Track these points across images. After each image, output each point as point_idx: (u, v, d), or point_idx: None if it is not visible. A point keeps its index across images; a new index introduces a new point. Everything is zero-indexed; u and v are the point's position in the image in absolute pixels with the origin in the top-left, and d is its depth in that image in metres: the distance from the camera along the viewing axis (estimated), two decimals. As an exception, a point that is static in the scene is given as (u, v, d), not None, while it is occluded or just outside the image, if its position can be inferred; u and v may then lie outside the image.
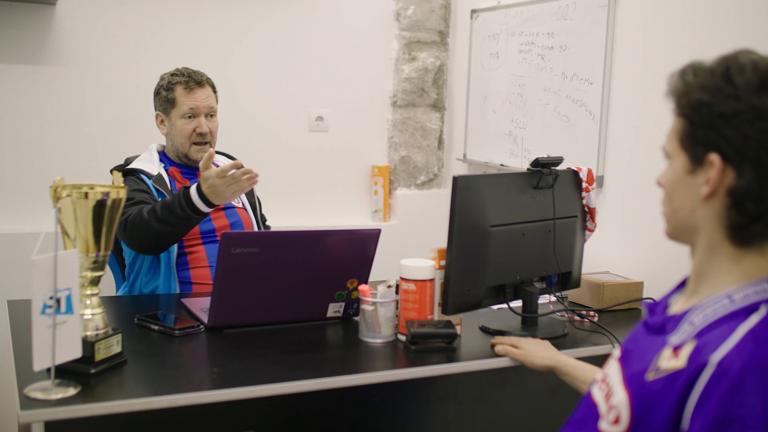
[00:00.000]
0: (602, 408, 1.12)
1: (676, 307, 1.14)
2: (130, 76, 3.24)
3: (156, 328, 1.94)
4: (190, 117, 2.51)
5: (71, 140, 3.20)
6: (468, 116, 3.59)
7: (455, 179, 1.86)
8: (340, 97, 3.65)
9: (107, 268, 2.63)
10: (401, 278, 1.94)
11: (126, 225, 2.30)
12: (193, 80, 2.51)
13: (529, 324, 2.07)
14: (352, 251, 2.05)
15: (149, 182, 2.45)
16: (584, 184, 2.21)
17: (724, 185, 1.01)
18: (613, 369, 1.15)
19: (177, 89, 2.50)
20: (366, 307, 1.93)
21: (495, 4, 3.35)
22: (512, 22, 3.21)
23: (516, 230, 2.01)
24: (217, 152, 2.76)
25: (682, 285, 1.19)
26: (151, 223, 2.24)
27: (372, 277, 2.09)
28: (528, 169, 2.07)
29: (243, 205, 2.67)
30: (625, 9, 2.61)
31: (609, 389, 1.13)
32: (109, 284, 2.71)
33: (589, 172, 2.22)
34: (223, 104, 3.30)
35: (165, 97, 2.52)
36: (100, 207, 1.60)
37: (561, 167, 2.16)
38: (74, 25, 3.18)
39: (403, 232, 3.72)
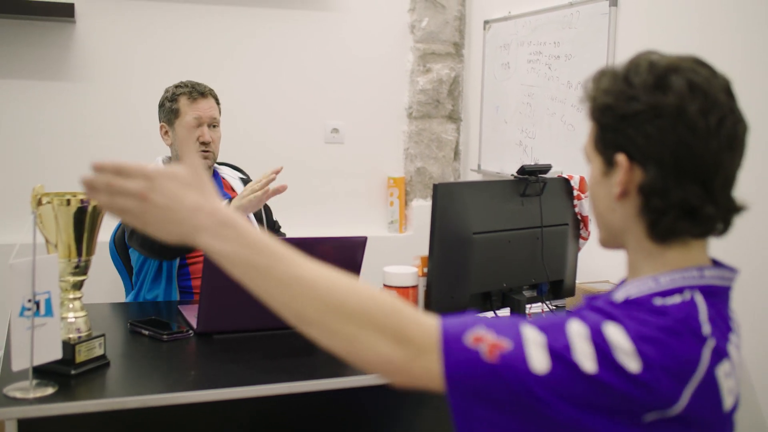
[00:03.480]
0: None
1: None
2: (149, 91, 3.31)
3: (146, 333, 1.99)
4: (193, 127, 2.57)
5: (91, 154, 3.31)
6: (482, 127, 3.60)
7: (435, 187, 1.87)
8: (355, 108, 3.69)
9: (118, 274, 2.74)
10: (384, 285, 1.96)
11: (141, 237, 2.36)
12: (197, 91, 2.58)
13: (517, 332, 2.06)
14: (340, 258, 2.07)
15: None
16: (576, 192, 2.20)
17: (634, 184, 1.02)
18: None
19: (181, 100, 2.57)
20: (350, 314, 1.95)
21: (506, 14, 3.36)
22: (521, 32, 3.22)
23: (501, 237, 2.01)
24: (223, 163, 2.83)
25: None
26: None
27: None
28: (514, 177, 2.07)
29: (248, 217, 2.71)
30: (626, 16, 2.60)
31: None
32: (119, 291, 2.79)
33: (582, 179, 2.21)
34: (241, 116, 3.38)
35: (169, 108, 2.59)
36: (81, 213, 1.66)
37: (552, 175, 2.16)
38: (94, 42, 3.29)
39: (420, 242, 3.71)
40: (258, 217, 2.75)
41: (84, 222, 1.67)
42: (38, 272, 1.55)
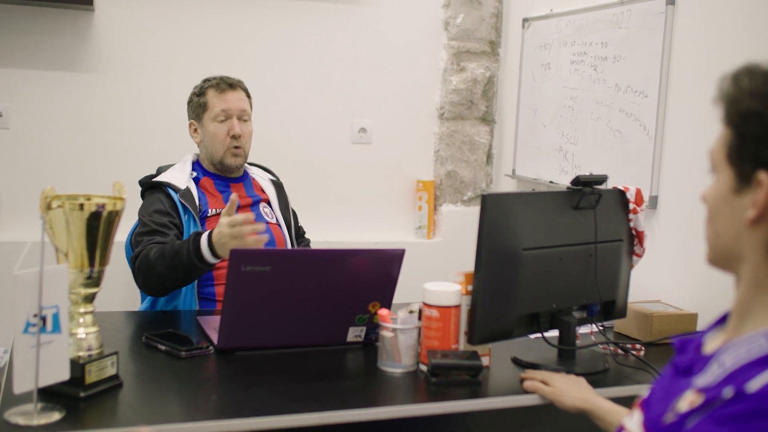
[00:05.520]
0: None
1: (710, 345, 0.97)
2: (168, 84, 3.18)
3: (162, 348, 1.83)
4: (222, 120, 2.42)
5: (108, 148, 3.16)
6: (518, 130, 3.42)
7: (484, 197, 1.70)
8: (384, 108, 3.52)
9: (133, 279, 2.58)
10: (424, 303, 1.79)
11: (134, 265, 2.22)
12: (225, 82, 2.44)
13: (566, 357, 1.89)
14: (375, 272, 1.91)
15: (176, 196, 2.35)
16: (632, 205, 2.02)
17: None
18: (635, 415, 1.00)
19: (209, 92, 2.44)
20: (385, 334, 1.78)
21: (547, 12, 3.18)
22: (564, 32, 3.04)
23: (552, 254, 1.83)
24: (253, 164, 2.68)
25: (722, 321, 1.01)
26: (155, 266, 2.14)
27: (410, 298, 1.95)
28: (568, 188, 1.90)
29: (276, 220, 2.55)
30: (684, 16, 2.41)
31: None
32: (134, 296, 2.64)
33: (638, 192, 2.03)
34: (264, 114, 3.22)
35: (197, 103, 2.45)
36: (94, 219, 1.50)
37: (607, 186, 1.98)
38: (112, 32, 3.13)
39: (448, 249, 3.56)
40: (287, 222, 2.58)
41: (98, 229, 1.50)
42: (46, 284, 1.39)
